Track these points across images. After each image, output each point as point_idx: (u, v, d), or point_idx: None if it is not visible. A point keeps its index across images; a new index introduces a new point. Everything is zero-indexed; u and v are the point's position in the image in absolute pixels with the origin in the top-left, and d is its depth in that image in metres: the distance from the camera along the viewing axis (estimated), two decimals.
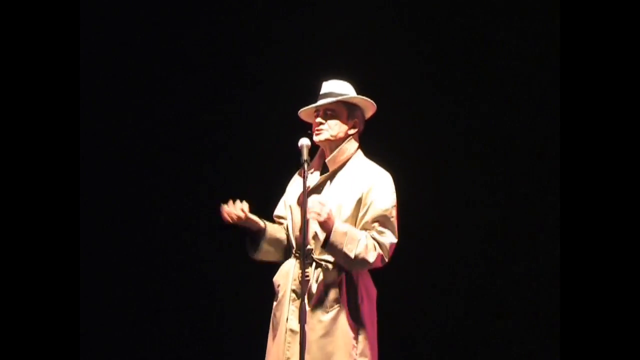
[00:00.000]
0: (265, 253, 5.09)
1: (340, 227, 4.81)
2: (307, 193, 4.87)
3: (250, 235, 5.06)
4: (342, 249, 4.80)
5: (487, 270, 6.58)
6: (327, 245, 4.81)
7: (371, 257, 4.85)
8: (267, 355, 5.03)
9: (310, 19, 6.75)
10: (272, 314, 5.05)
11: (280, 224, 5.15)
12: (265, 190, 5.37)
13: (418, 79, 6.69)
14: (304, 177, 4.85)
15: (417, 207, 5.15)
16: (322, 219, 4.76)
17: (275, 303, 5.03)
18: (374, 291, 5.05)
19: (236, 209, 4.92)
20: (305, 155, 4.89)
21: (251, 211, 4.99)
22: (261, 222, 5.04)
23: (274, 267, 5.12)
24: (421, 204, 6.20)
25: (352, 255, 4.82)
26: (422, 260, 6.50)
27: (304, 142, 4.93)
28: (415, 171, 6.26)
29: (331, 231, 4.79)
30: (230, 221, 4.94)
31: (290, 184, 5.19)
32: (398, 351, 6.46)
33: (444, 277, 6.64)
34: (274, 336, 4.99)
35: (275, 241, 5.09)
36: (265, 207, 5.27)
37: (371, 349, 4.98)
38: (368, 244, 4.85)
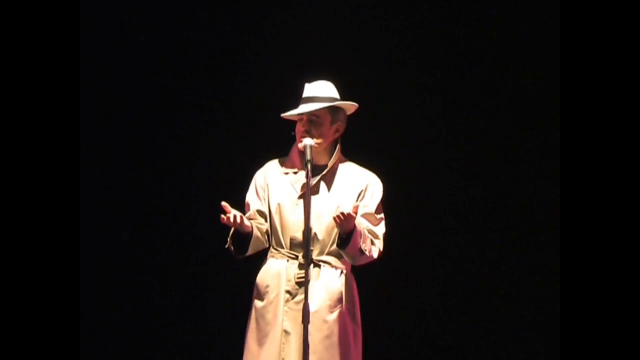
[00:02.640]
0: (249, 253, 5.06)
1: (356, 227, 4.81)
2: (300, 195, 4.94)
3: (238, 237, 4.98)
4: (360, 247, 4.82)
5: (486, 270, 6.59)
6: (347, 244, 4.80)
7: (375, 253, 4.93)
8: (252, 356, 4.97)
9: (309, 18, 6.74)
10: (256, 316, 5.00)
11: (253, 218, 5.09)
12: None
13: (415, 80, 6.68)
14: (307, 177, 4.84)
15: (414, 207, 5.15)
16: (346, 224, 4.74)
17: (261, 304, 4.98)
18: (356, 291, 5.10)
19: (235, 218, 4.86)
20: (308, 155, 4.88)
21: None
22: (250, 225, 4.99)
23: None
24: (418, 205, 6.21)
25: (367, 253, 4.86)
26: (419, 259, 6.51)
27: (308, 142, 4.92)
28: (413, 171, 6.29)
29: (352, 231, 4.77)
30: (227, 223, 4.90)
31: (267, 178, 5.10)
32: (392, 351, 6.48)
33: (440, 278, 6.64)
34: (261, 337, 4.95)
35: (257, 240, 5.04)
36: None
37: (360, 349, 5.03)
38: (371, 240, 4.91)
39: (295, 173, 5.04)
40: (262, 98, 6.60)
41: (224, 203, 4.88)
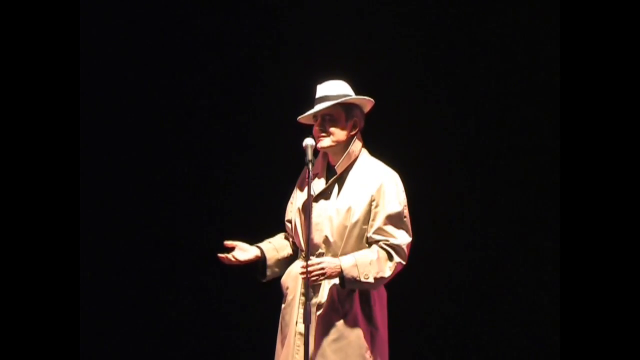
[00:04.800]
0: (273, 275, 5.10)
1: (347, 263, 4.79)
2: (315, 197, 4.89)
3: (254, 265, 5.05)
4: (360, 279, 4.79)
5: (489, 270, 6.57)
6: (346, 284, 4.81)
7: (388, 272, 4.83)
8: (276, 357, 5.00)
9: (311, 19, 6.74)
10: (280, 317, 5.03)
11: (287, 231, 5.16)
12: (267, 193, 5.35)
13: (420, 78, 6.67)
14: (308, 178, 4.84)
15: (417, 206, 5.14)
16: (324, 277, 4.78)
17: (283, 305, 5.01)
18: (384, 294, 5.01)
19: (229, 259, 4.95)
20: (309, 155, 4.87)
21: (255, 217, 5.00)
22: (257, 252, 5.03)
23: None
24: (421, 204, 6.18)
25: (372, 280, 4.80)
26: (428, 260, 6.48)
27: (309, 142, 4.89)
28: (417, 170, 6.24)
29: (342, 273, 4.77)
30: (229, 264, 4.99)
31: (299, 185, 5.14)
32: (406, 354, 6.44)
33: (448, 278, 6.62)
34: (283, 339, 4.97)
35: (277, 262, 5.09)
36: (268, 209, 5.26)
37: (383, 351, 4.97)
38: (380, 258, 4.83)
39: (316, 176, 5.02)
40: (278, 102, 6.61)
41: (226, 242, 4.96)
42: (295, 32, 6.76)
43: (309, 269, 4.75)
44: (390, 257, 4.85)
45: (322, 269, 4.77)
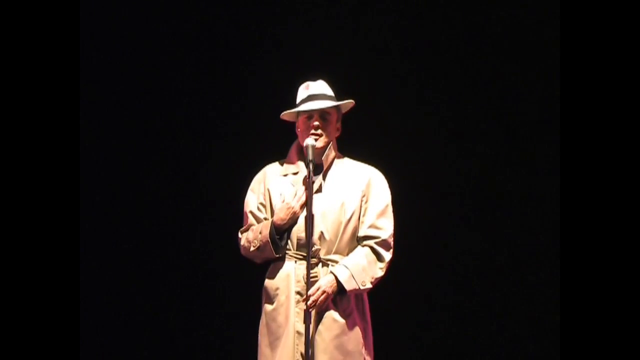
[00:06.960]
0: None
1: (343, 275, 4.85)
2: (308, 195, 4.90)
3: (279, 236, 4.98)
4: (359, 288, 4.88)
5: (486, 269, 6.58)
6: (345, 293, 4.88)
7: (380, 273, 4.94)
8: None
9: (304, 20, 6.75)
10: (267, 320, 4.99)
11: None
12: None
13: (410, 77, 6.67)
14: (309, 178, 4.86)
15: (410, 206, 5.17)
16: (327, 298, 4.84)
17: (271, 307, 4.97)
18: None
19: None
20: (310, 156, 4.88)
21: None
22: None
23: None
24: (415, 203, 6.21)
25: (370, 285, 4.90)
26: (419, 258, 6.50)
27: (310, 142, 4.92)
28: (412, 170, 6.29)
29: (342, 285, 4.84)
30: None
31: (267, 183, 5.07)
32: (401, 350, 6.47)
33: (439, 278, 6.62)
34: (274, 341, 4.94)
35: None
36: None
37: (371, 345, 5.03)
38: (370, 262, 4.91)
39: (295, 174, 5.03)
40: (262, 99, 6.62)
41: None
42: (281, 33, 6.79)
43: (313, 298, 4.81)
44: (380, 258, 4.95)
45: (323, 292, 4.83)
